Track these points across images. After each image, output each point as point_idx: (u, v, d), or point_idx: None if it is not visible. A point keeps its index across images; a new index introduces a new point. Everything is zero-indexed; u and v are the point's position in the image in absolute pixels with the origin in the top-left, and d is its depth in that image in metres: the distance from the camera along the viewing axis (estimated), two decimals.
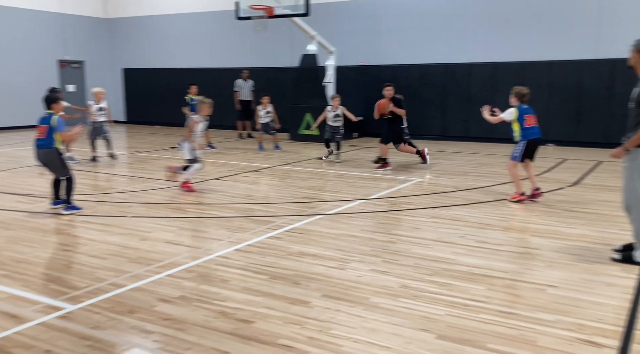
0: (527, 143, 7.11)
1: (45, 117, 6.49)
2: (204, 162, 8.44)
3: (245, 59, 17.56)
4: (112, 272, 4.55)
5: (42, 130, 6.43)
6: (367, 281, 4.34)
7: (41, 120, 6.51)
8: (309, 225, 6.11)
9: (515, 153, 7.18)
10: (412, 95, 15.15)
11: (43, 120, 6.48)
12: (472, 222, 6.20)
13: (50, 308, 3.80)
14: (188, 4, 18.87)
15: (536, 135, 7.14)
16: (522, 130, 7.10)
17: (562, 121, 13.36)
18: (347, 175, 9.48)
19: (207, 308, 3.81)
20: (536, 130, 7.15)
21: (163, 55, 19.60)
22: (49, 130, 6.41)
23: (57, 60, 19.07)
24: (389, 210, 6.80)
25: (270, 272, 4.55)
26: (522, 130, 7.10)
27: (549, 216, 6.48)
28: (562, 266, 4.70)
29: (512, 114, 7.12)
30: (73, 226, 6.05)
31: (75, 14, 19.58)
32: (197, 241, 5.46)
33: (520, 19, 13.78)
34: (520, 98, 7.21)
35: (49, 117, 6.46)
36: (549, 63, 13.38)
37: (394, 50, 15.43)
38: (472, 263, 4.77)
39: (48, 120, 6.44)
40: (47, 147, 6.46)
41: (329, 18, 15.85)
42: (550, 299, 3.99)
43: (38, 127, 6.49)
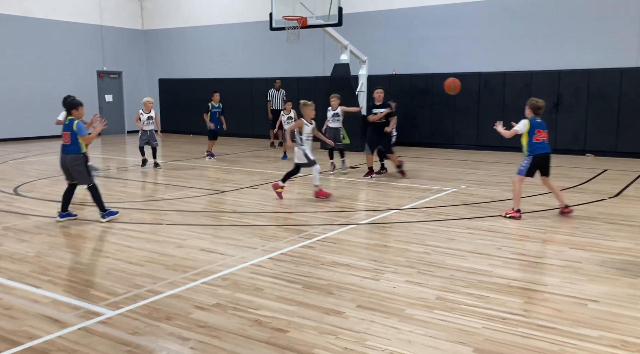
0: (534, 158, 6.85)
1: (67, 124, 6.56)
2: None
3: (278, 69, 17.74)
4: (150, 279, 4.63)
5: (66, 136, 6.54)
6: (402, 293, 4.30)
7: (64, 127, 6.61)
8: (342, 234, 6.10)
9: (522, 167, 6.94)
10: (446, 104, 15.04)
11: (66, 127, 6.58)
12: (509, 234, 6.09)
13: (91, 314, 3.89)
14: (222, 15, 19.21)
15: (545, 150, 6.86)
16: (529, 144, 6.86)
17: (601, 131, 13.02)
18: (380, 184, 9.44)
19: (242, 316, 3.84)
20: (545, 145, 6.87)
21: (198, 66, 19.98)
22: (73, 136, 6.51)
23: (96, 71, 19.65)
24: (423, 221, 6.73)
25: (303, 281, 4.55)
26: (530, 144, 6.86)
27: (590, 228, 6.31)
28: (604, 280, 4.56)
29: (526, 126, 6.90)
30: (112, 233, 6.19)
31: (114, 25, 20.17)
32: (231, 249, 5.51)
33: (558, 26, 13.53)
34: (535, 111, 6.96)
35: (70, 123, 6.53)
36: (587, 72, 13.08)
37: (426, 59, 15.35)
38: (509, 276, 4.68)
39: (70, 127, 6.52)
40: (73, 152, 6.55)
41: (361, 27, 15.89)
42: (592, 314, 3.87)
43: (63, 133, 6.62)
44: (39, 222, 6.71)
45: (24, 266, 4.97)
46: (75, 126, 6.51)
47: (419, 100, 15.41)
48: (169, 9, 20.55)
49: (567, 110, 13.41)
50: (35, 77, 17.85)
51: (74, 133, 6.50)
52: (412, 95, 15.52)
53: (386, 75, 15.78)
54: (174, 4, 20.39)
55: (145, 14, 21.19)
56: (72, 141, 6.53)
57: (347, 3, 14.40)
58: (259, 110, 17.34)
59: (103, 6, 19.74)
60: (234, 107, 17.48)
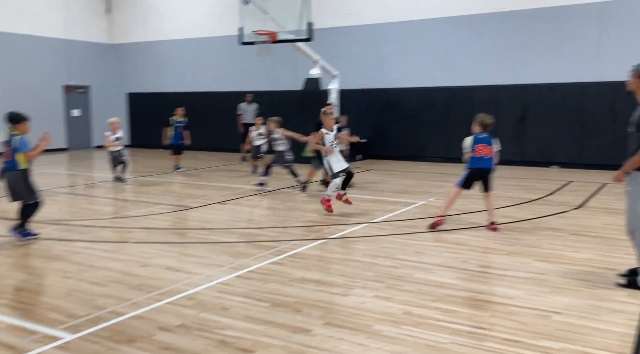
0: (470, 172, 7.03)
1: (8, 140, 6.18)
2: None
3: (249, 83, 17.71)
4: (112, 300, 4.51)
5: (7, 152, 6.17)
6: (370, 308, 4.29)
7: (6, 142, 6.22)
8: (312, 249, 6.07)
9: (459, 179, 7.17)
10: (415, 118, 15.23)
11: (8, 143, 6.20)
12: (476, 246, 6.15)
13: (49, 338, 3.76)
14: (192, 29, 19.12)
15: (482, 165, 6.99)
16: (470, 158, 7.04)
17: (566, 143, 13.35)
18: (350, 197, 9.44)
19: (207, 337, 3.77)
20: (485, 161, 6.99)
21: (167, 80, 19.81)
22: (12, 151, 6.14)
23: (62, 85, 19.30)
24: (393, 234, 6.76)
25: (271, 299, 4.50)
26: (470, 159, 7.04)
27: (554, 240, 6.42)
28: (567, 292, 4.63)
29: (468, 142, 7.09)
30: (74, 252, 6.03)
31: (82, 39, 19.87)
32: (198, 267, 5.42)
33: (523, 42, 13.88)
34: (483, 127, 7.15)
35: (12, 138, 6.17)
36: (550, 86, 13.43)
37: (396, 73, 15.55)
38: (475, 289, 4.72)
39: (11, 142, 6.17)
40: (11, 169, 6.19)
41: (332, 42, 16.02)
42: (555, 326, 3.93)
43: (5, 150, 6.21)
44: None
45: None
46: (16, 142, 6.12)
47: (388, 114, 15.57)
48: (137, 22, 20.38)
49: (532, 123, 13.72)
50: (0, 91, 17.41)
51: (14, 149, 6.13)
52: (381, 109, 15.67)
53: (356, 90, 15.91)
54: (143, 17, 20.23)
55: (114, 27, 20.96)
56: (11, 156, 6.16)
57: (317, 18, 14.50)
58: (229, 124, 17.25)
59: (70, 20, 19.44)
60: (204, 121, 17.37)
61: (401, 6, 15.36)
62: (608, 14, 12.84)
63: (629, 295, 4.53)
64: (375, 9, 15.73)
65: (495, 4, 14.18)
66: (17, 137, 6.17)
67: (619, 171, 4.64)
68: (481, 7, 14.34)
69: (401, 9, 15.36)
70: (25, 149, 6.17)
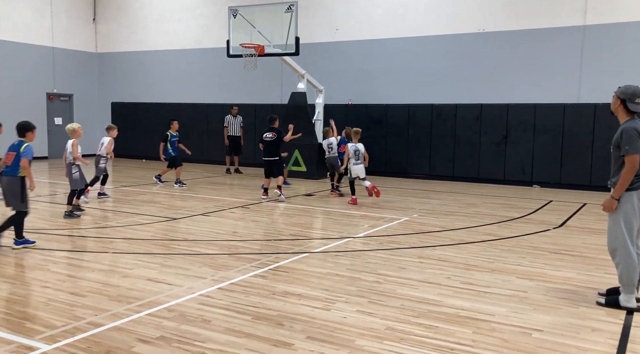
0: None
1: (15, 145, 6.39)
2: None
3: (235, 95, 17.72)
4: (91, 310, 4.43)
5: (10, 157, 6.34)
6: (352, 323, 4.27)
7: (11, 147, 6.42)
8: (295, 263, 6.04)
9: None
10: (399, 135, 15.35)
11: (13, 148, 6.40)
12: (459, 263, 6.18)
13: (24, 348, 3.67)
14: (178, 41, 19.12)
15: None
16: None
17: (546, 163, 13.55)
18: (334, 212, 9.46)
19: (187, 350, 3.71)
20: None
21: (152, 90, 19.72)
22: (17, 157, 6.31)
23: (45, 93, 19.10)
24: (376, 249, 6.76)
25: (253, 312, 4.46)
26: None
27: (535, 258, 6.48)
28: (548, 310, 4.67)
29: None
30: (53, 262, 5.92)
31: (66, 47, 19.73)
32: (179, 279, 5.36)
33: (506, 61, 14.14)
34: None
35: (19, 145, 6.37)
36: (533, 106, 13.67)
37: (381, 90, 15.70)
38: (458, 305, 4.73)
39: (18, 148, 6.35)
40: (11, 174, 6.33)
41: (318, 57, 16.15)
42: (536, 343, 3.94)
43: (7, 154, 6.40)
44: None
45: None
46: (23, 148, 6.33)
47: (373, 130, 15.66)
48: (123, 33, 20.32)
49: (514, 142, 13.91)
50: None
51: (19, 155, 6.30)
52: (366, 125, 15.74)
53: (342, 105, 16.01)
54: (129, 28, 20.18)
55: (99, 37, 20.87)
56: (13, 162, 6.32)
57: (304, 33, 14.64)
58: (215, 135, 17.21)
59: (55, 28, 19.32)
60: (189, 133, 17.28)
61: (387, 24, 15.57)
62: (591, 36, 13.16)
63: (609, 314, 4.58)
64: (362, 26, 15.92)
65: (477, 25, 14.45)
66: (25, 144, 6.37)
67: (608, 198, 4.66)
68: (465, 27, 14.60)
69: (387, 27, 15.56)
70: (26, 155, 6.31)
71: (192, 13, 18.77)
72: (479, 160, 14.35)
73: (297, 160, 14.35)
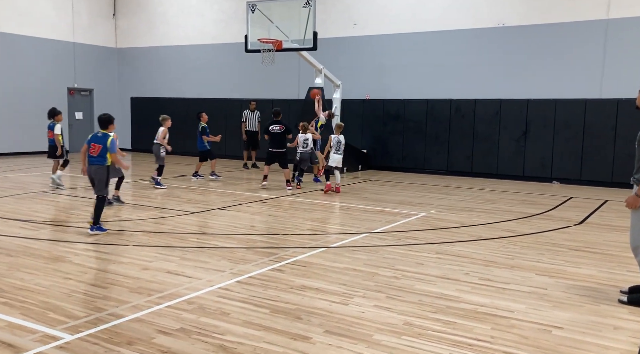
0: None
1: (100, 137, 6.99)
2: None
3: (252, 90, 17.78)
4: (112, 302, 4.50)
5: (96, 148, 6.94)
6: (370, 318, 4.27)
7: (95, 139, 6.99)
8: (312, 257, 6.06)
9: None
10: (417, 130, 15.26)
11: (97, 140, 6.98)
12: (477, 259, 6.14)
13: (49, 338, 3.75)
14: (197, 36, 19.23)
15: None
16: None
17: (567, 159, 13.37)
18: (351, 207, 9.46)
19: (207, 342, 3.75)
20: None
21: (171, 85, 19.88)
22: (103, 149, 6.93)
23: (66, 88, 19.37)
24: (393, 245, 6.75)
25: (271, 306, 4.49)
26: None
27: (555, 255, 6.41)
28: (568, 307, 4.62)
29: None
30: (75, 254, 6.02)
31: (87, 43, 19.97)
32: (198, 272, 5.41)
33: (527, 55, 13.96)
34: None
35: (104, 137, 6.99)
36: (554, 101, 13.48)
37: (399, 85, 15.61)
38: (476, 302, 4.70)
39: (103, 140, 6.97)
40: (98, 163, 6.98)
41: (336, 52, 16.11)
42: (556, 341, 3.91)
43: (92, 144, 6.96)
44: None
45: None
46: (109, 142, 6.96)
47: (391, 126, 15.62)
48: (143, 28, 20.48)
49: (534, 138, 13.75)
50: (4, 92, 17.48)
51: (105, 147, 6.93)
52: (384, 120, 15.72)
53: (359, 100, 15.97)
54: (148, 23, 20.35)
55: (119, 32, 21.07)
56: (100, 153, 6.94)
57: (321, 28, 14.60)
58: (232, 130, 17.29)
59: (76, 24, 19.56)
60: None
61: (406, 18, 15.46)
62: (614, 30, 12.92)
63: (631, 312, 4.52)
64: (380, 20, 15.83)
65: (497, 19, 14.28)
66: (110, 138, 7.01)
67: (632, 195, 4.56)
68: (485, 21, 14.44)
69: (406, 21, 15.46)
70: (113, 150, 7.01)
71: (211, 8, 18.85)
72: (497, 155, 14.22)
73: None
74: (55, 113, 10.91)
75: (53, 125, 10.83)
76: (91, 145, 6.99)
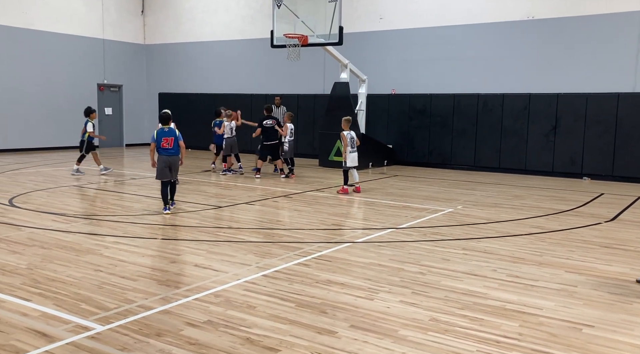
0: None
1: (168, 131, 8.00)
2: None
3: (278, 86, 17.84)
4: (141, 294, 4.58)
5: (169, 141, 7.98)
6: (395, 313, 4.26)
7: (166, 133, 7.99)
8: (338, 252, 6.06)
9: None
10: (444, 125, 15.11)
11: (168, 134, 7.99)
12: (505, 255, 6.06)
13: (81, 328, 3.84)
14: (224, 32, 19.37)
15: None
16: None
17: (598, 154, 13.07)
18: (376, 203, 9.43)
19: (233, 334, 3.79)
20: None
21: (198, 81, 20.09)
22: (175, 141, 8.00)
23: (96, 84, 19.75)
24: (419, 240, 6.71)
25: (297, 300, 4.51)
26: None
27: (586, 252, 6.29)
28: (599, 305, 4.53)
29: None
30: (105, 246, 6.15)
31: (116, 39, 20.32)
32: (225, 265, 5.47)
33: (557, 49, 13.68)
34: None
35: (173, 130, 8.04)
36: (585, 96, 13.18)
37: (425, 79, 15.47)
38: (504, 298, 4.65)
39: (173, 133, 8.00)
40: (176, 154, 8.03)
41: (361, 47, 16.04)
42: (586, 339, 3.84)
43: (164, 138, 7.96)
44: (33, 234, 6.66)
45: (15, 279, 4.93)
46: (178, 133, 8.09)
47: (417, 120, 15.49)
48: (171, 24, 20.73)
49: (564, 133, 13.48)
50: (37, 88, 17.92)
51: (177, 139, 8.01)
52: (410, 115, 15.61)
53: (385, 95, 15.88)
54: (176, 20, 20.58)
55: (147, 29, 21.37)
56: (174, 144, 7.99)
57: (347, 23, 14.56)
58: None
59: (106, 21, 19.92)
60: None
61: (431, 12, 15.30)
62: None
63: None
64: (406, 14, 15.70)
65: (526, 12, 14.01)
66: (176, 130, 8.11)
67: None
68: (513, 14, 14.18)
69: (432, 15, 15.29)
70: (181, 139, 8.14)
71: (237, 3, 18.96)
72: (526, 151, 13.98)
73: (339, 151, 14.32)
74: (90, 112, 12.06)
75: (86, 122, 11.89)
76: (162, 139, 7.92)
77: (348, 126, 10.43)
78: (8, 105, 17.23)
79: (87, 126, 11.79)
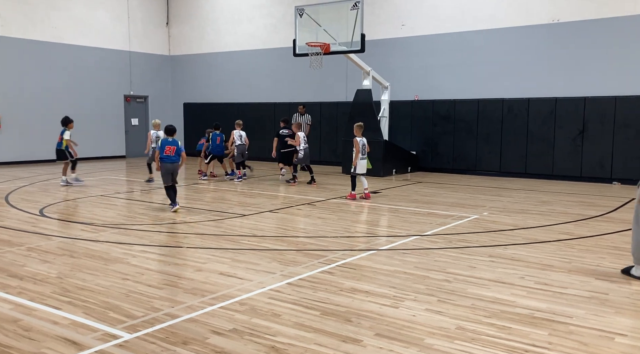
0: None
1: (171, 142, 9.00)
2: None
3: (301, 94, 17.93)
4: (168, 302, 4.63)
5: (171, 149, 8.93)
6: (421, 321, 4.22)
7: (170, 143, 8.97)
8: (362, 260, 6.04)
9: None
10: (468, 130, 14.96)
11: (171, 143, 8.98)
12: (532, 262, 5.95)
13: (109, 336, 3.90)
14: (247, 42, 19.58)
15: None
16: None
17: (628, 158, 12.78)
18: (401, 209, 9.37)
19: (259, 342, 3.80)
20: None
21: (222, 90, 20.32)
22: (177, 150, 8.96)
23: (123, 95, 20.14)
24: (444, 247, 6.64)
25: (321, 308, 4.50)
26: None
27: (617, 259, 6.14)
28: (632, 314, 4.41)
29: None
30: (132, 255, 6.24)
31: (142, 51, 20.71)
32: (250, 273, 5.50)
33: (583, 52, 13.45)
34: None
35: (175, 141, 9.04)
36: (613, 99, 12.92)
37: (448, 85, 15.37)
38: (533, 306, 4.56)
39: (176, 143, 9.01)
40: (176, 162, 8.98)
41: (383, 54, 16.03)
42: (620, 349, 3.74)
43: (167, 147, 8.91)
44: (62, 243, 6.81)
45: (46, 287, 5.03)
46: (180, 144, 9.14)
47: (441, 126, 15.38)
48: (195, 35, 21.05)
49: (592, 137, 13.22)
50: (65, 100, 18.34)
51: (179, 149, 8.98)
52: (434, 121, 15.50)
53: (408, 101, 15.82)
54: (200, 31, 20.88)
55: (172, 40, 21.73)
56: (175, 153, 8.95)
57: (369, 30, 14.58)
58: None
59: (132, 33, 20.33)
60: (257, 131, 17.68)
61: (455, 17, 15.21)
62: None
63: None
64: (428, 20, 15.64)
65: (551, 16, 13.82)
66: (178, 141, 9.14)
67: None
68: (538, 18, 14.01)
69: (455, 20, 15.20)
70: (183, 150, 9.16)
71: (260, 13, 19.16)
72: (553, 156, 13.75)
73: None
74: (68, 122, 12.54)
75: (63, 131, 12.30)
76: (166, 147, 8.93)
77: (360, 132, 10.46)
78: (38, 117, 17.67)
79: (65, 134, 12.16)
